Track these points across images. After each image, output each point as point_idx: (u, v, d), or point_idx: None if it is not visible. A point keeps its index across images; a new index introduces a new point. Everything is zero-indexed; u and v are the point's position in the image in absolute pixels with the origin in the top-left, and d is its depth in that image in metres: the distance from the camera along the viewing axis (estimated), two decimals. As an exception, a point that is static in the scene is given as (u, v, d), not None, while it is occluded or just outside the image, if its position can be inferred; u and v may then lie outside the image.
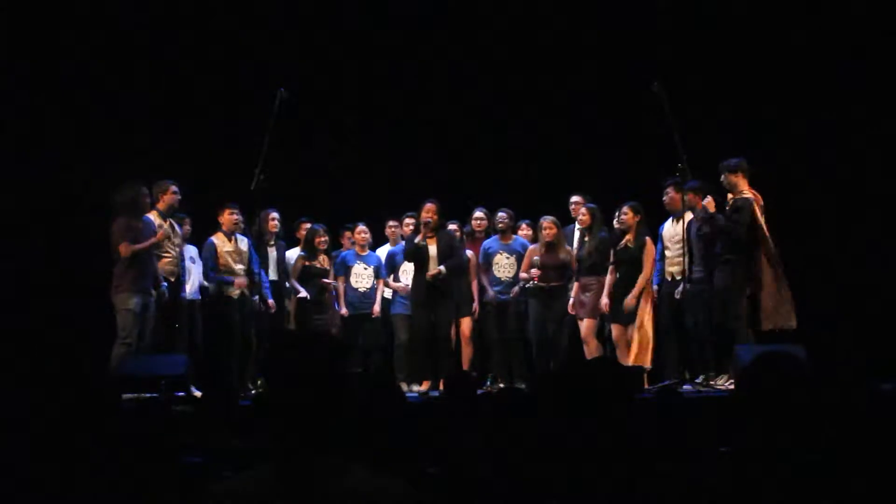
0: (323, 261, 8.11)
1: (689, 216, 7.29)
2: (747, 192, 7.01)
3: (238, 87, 8.98)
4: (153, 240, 7.11)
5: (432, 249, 7.69)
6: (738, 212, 6.97)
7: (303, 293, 7.99)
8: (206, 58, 9.02)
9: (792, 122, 8.48)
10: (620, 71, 8.71)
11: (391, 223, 8.59)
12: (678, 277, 7.36)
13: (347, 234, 8.54)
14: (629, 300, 7.40)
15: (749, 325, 7.03)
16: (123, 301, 6.90)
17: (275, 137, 7.25)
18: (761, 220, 6.98)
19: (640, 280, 7.42)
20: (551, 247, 7.84)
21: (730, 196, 7.09)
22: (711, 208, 7.09)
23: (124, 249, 6.93)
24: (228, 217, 7.75)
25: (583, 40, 9.01)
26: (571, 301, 7.72)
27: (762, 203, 7.05)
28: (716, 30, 8.69)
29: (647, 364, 7.34)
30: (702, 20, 8.73)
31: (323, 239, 8.08)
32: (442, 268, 7.59)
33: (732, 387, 6.83)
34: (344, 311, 8.24)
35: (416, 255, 7.71)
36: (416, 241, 7.69)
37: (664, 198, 7.51)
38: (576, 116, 9.09)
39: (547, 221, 7.89)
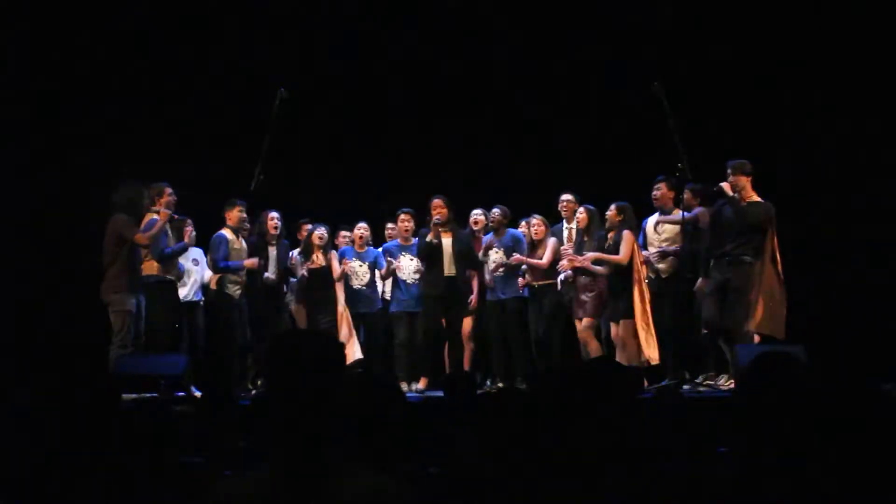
0: (317, 259, 8.09)
1: (676, 214, 7.35)
2: (755, 196, 7.00)
3: (238, 87, 8.97)
4: (161, 223, 7.09)
5: (447, 244, 7.69)
6: (764, 212, 6.95)
7: (302, 270, 8.00)
8: (206, 58, 9.02)
9: (792, 123, 8.48)
10: (620, 71, 8.71)
11: (390, 226, 8.57)
12: (664, 276, 7.37)
13: (342, 233, 8.53)
14: (565, 263, 7.45)
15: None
16: (121, 302, 6.87)
17: (275, 137, 7.25)
18: (774, 227, 6.98)
19: (606, 256, 7.33)
20: (534, 245, 7.88)
21: (744, 197, 7.03)
22: (729, 190, 7.03)
23: (142, 239, 6.92)
24: (237, 214, 7.76)
25: (583, 40, 9.01)
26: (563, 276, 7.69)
27: None
28: (716, 30, 8.69)
29: (655, 359, 7.26)
30: (702, 20, 8.73)
31: (319, 234, 8.08)
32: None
33: (732, 386, 6.84)
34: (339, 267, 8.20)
35: (430, 253, 7.73)
36: (429, 238, 7.70)
37: (654, 192, 7.51)
38: (575, 116, 9.09)
39: (536, 219, 7.92)
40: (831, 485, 2.22)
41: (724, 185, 7.03)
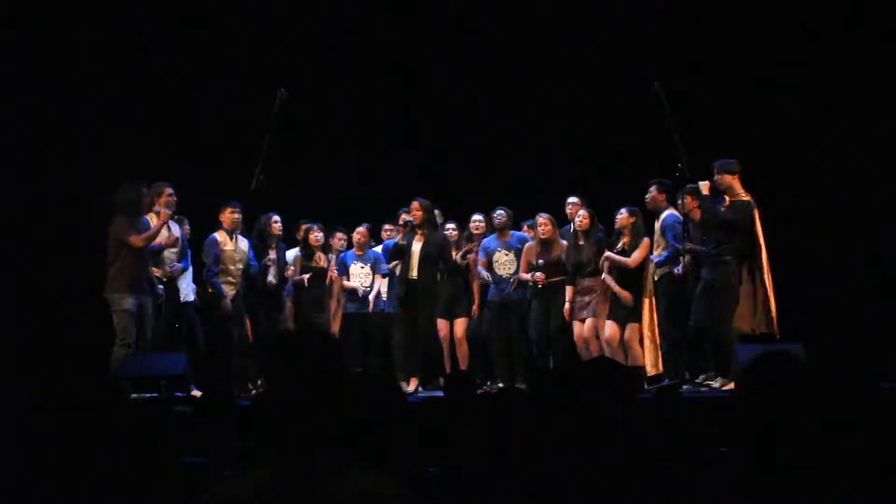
0: (319, 258, 8.14)
1: (666, 214, 7.37)
2: (744, 195, 6.97)
3: (238, 87, 8.97)
4: (159, 224, 7.09)
5: (415, 247, 7.71)
6: (739, 212, 6.92)
7: (303, 276, 8.03)
8: (206, 58, 9.02)
9: (792, 122, 8.48)
10: (620, 71, 8.71)
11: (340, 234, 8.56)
12: (655, 278, 7.37)
13: (339, 234, 8.53)
14: (626, 295, 7.38)
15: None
16: (118, 302, 6.89)
17: (275, 137, 7.24)
18: (759, 224, 6.94)
19: (618, 258, 7.37)
20: (547, 244, 7.86)
21: (727, 198, 7.02)
22: (706, 191, 6.99)
23: (137, 241, 6.93)
24: (230, 215, 7.74)
25: (583, 40, 9.01)
26: (567, 306, 7.71)
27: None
28: (716, 29, 8.69)
29: (660, 368, 7.31)
30: (702, 20, 8.73)
31: (318, 235, 8.11)
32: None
33: (732, 387, 6.83)
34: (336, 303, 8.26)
35: (397, 254, 7.76)
36: (397, 240, 7.74)
37: (646, 196, 7.51)
38: (575, 116, 9.09)
39: (543, 218, 7.89)
40: (831, 484, 2.22)
41: (702, 185, 7.02)
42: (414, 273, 7.71)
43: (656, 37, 8.78)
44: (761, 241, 6.91)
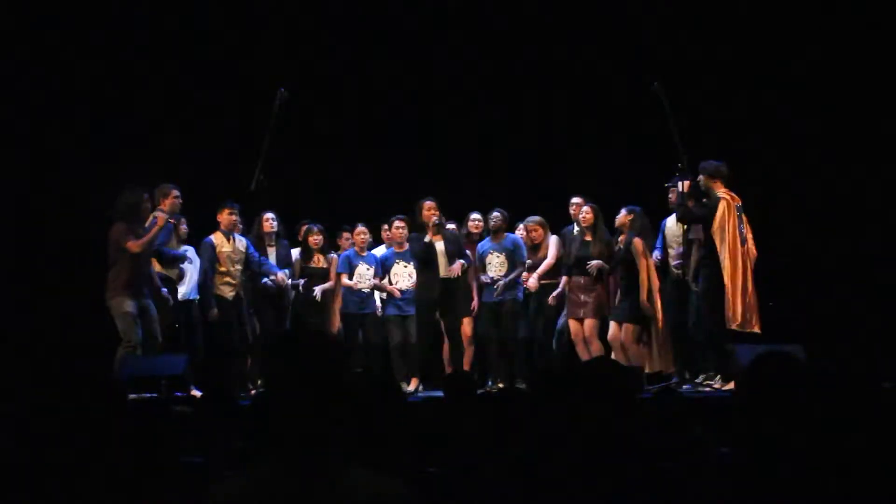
0: (318, 260, 8.13)
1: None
2: (722, 194, 6.98)
3: (238, 87, 8.98)
4: (156, 228, 7.10)
5: (440, 247, 7.73)
6: (703, 208, 7.00)
7: (298, 282, 8.03)
8: (206, 58, 9.02)
9: (792, 122, 8.48)
10: (620, 71, 8.71)
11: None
12: (674, 279, 7.37)
13: (346, 234, 8.52)
14: (643, 303, 7.33)
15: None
16: (118, 306, 6.92)
17: (275, 137, 7.25)
18: (729, 222, 6.90)
19: (643, 279, 7.37)
20: (534, 248, 7.91)
21: (711, 198, 7.06)
22: (684, 188, 7.02)
23: (133, 246, 6.94)
24: (227, 217, 7.74)
25: (583, 40, 9.01)
26: (557, 292, 7.73)
27: (739, 203, 6.98)
28: (716, 29, 8.69)
29: (670, 368, 7.33)
30: (702, 20, 8.73)
31: (317, 238, 8.10)
32: (462, 262, 7.71)
33: (732, 387, 6.84)
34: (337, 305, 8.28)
35: (427, 254, 7.74)
36: (427, 239, 7.72)
37: (670, 195, 7.51)
38: (576, 116, 9.09)
39: (532, 224, 7.93)
40: (831, 485, 2.22)
41: (683, 184, 7.04)
42: (443, 272, 7.73)
43: (656, 37, 8.78)
44: (722, 234, 6.88)
